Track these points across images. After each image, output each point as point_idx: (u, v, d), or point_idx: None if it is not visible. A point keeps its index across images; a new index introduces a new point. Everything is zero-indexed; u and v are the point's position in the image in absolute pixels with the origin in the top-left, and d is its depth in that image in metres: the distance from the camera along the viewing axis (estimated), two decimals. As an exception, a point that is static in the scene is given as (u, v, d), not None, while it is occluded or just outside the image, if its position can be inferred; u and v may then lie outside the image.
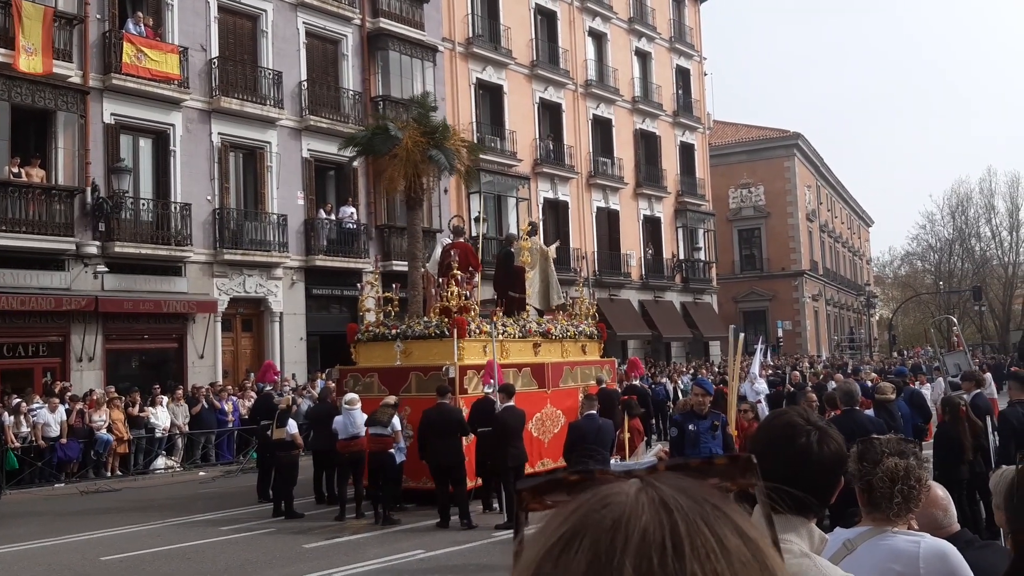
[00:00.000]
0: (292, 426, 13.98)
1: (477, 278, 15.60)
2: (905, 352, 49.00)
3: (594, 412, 11.34)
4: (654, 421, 21.68)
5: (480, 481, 13.04)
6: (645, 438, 14.91)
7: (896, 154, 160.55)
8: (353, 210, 25.63)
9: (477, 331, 14.34)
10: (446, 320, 14.33)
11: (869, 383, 16.12)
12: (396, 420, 12.66)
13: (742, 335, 11.24)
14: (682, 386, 25.81)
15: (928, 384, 20.13)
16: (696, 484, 0.68)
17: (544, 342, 15.97)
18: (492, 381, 13.06)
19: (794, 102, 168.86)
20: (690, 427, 9.09)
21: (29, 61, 18.90)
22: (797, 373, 23.67)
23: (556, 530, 0.66)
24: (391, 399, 13.12)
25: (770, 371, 26.43)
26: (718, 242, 44.65)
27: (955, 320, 28.19)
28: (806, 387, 18.05)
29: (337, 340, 17.76)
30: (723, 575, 0.63)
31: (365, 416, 12.90)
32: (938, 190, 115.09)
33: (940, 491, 3.41)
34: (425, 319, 15.00)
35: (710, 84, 44.02)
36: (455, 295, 14.46)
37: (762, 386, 19.69)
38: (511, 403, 12.27)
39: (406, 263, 19.58)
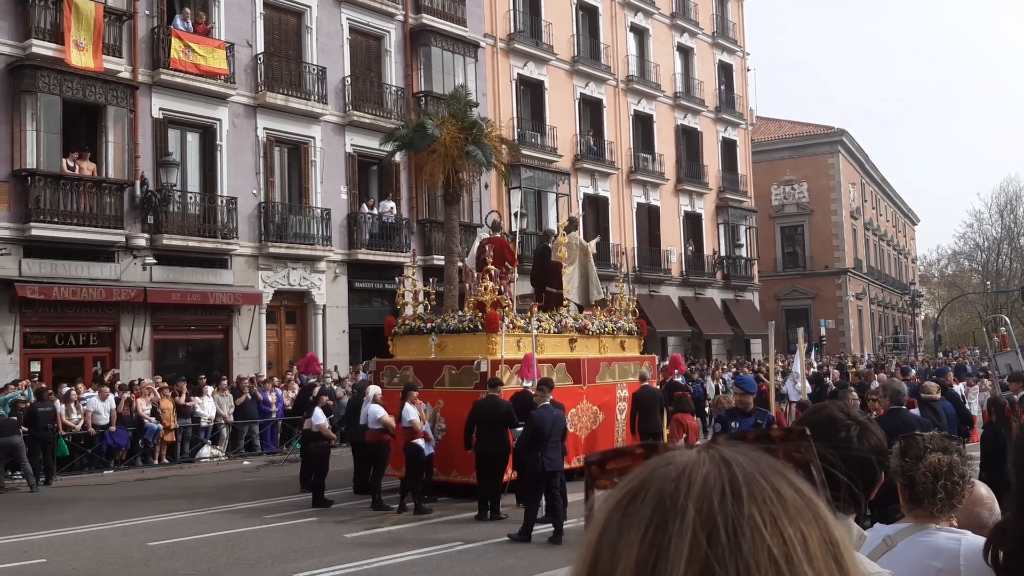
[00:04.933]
0: (318, 417, 14.23)
1: (515, 273, 15.63)
2: (951, 352, 48.16)
3: (548, 403, 11.46)
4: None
5: (516, 475, 13.08)
6: (685, 435, 14.81)
7: (943, 151, 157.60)
8: (392, 204, 25.85)
9: (511, 326, 14.38)
10: (480, 314, 14.40)
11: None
12: (411, 410, 12.78)
13: (800, 330, 11.04)
14: (723, 386, 25.61)
15: (975, 386, 19.76)
16: (754, 449, 0.74)
17: (581, 338, 15.94)
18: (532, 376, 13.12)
19: (839, 98, 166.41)
20: (733, 424, 9.07)
21: (80, 56, 19.33)
22: (836, 372, 23.41)
23: (624, 485, 0.72)
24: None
25: (811, 370, 26.14)
26: (760, 239, 44.22)
27: (1006, 319, 27.56)
28: (848, 386, 17.83)
29: (378, 333, 17.94)
30: (779, 517, 0.67)
31: (378, 408, 13.21)
32: (986, 188, 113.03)
33: (984, 489, 3.39)
34: (459, 313, 15.09)
35: (753, 80, 43.63)
36: (489, 290, 14.51)
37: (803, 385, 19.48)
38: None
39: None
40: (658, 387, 16.43)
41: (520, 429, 12.10)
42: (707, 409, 20.30)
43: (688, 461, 0.71)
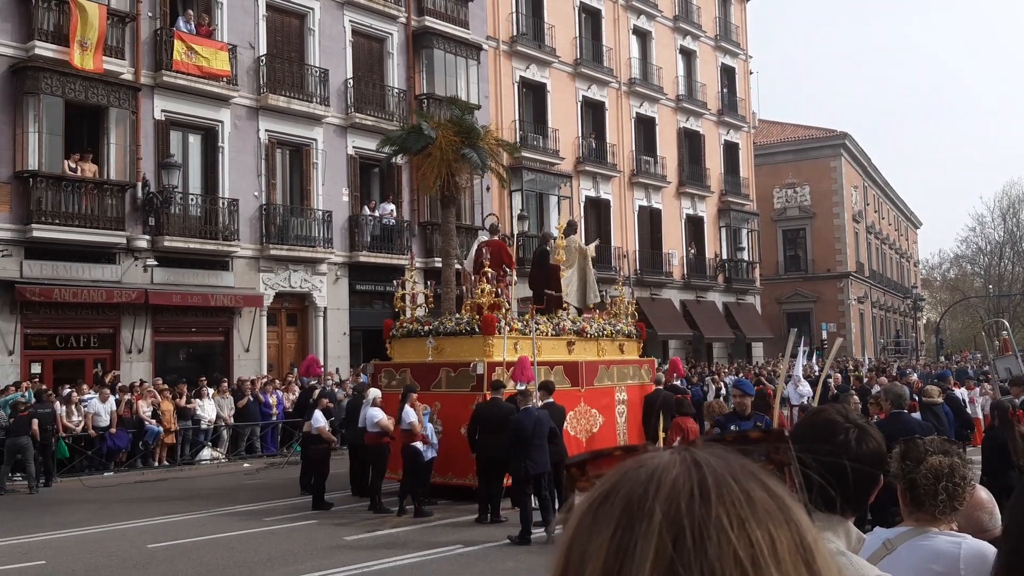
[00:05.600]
0: (317, 420, 14.21)
1: (514, 276, 15.61)
2: (953, 356, 48.12)
3: (530, 406, 11.48)
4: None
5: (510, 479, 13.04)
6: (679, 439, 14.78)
7: (946, 155, 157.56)
8: (393, 207, 25.84)
9: (508, 328, 14.37)
10: (477, 317, 14.39)
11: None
12: (411, 412, 12.78)
13: (840, 340, 10.90)
14: (724, 390, 25.55)
15: (975, 389, 19.78)
16: (729, 452, 0.73)
17: (579, 340, 15.91)
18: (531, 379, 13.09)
19: (842, 101, 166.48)
20: (732, 428, 9.05)
21: (83, 57, 19.34)
22: (838, 375, 23.37)
23: (598, 488, 0.72)
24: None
25: (816, 373, 26.11)
26: (762, 242, 44.18)
27: (1006, 323, 27.57)
28: (849, 390, 17.81)
29: (379, 335, 17.93)
30: (747, 519, 0.66)
31: (377, 410, 13.23)
32: (988, 192, 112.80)
33: (984, 494, 3.37)
34: (456, 316, 15.09)
35: (756, 83, 43.82)
36: (486, 292, 14.51)
37: (806, 388, 19.48)
38: (551, 400, 12.30)
39: (444, 260, 19.63)
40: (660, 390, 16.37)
41: None
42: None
43: (660, 463, 0.70)
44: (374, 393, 13.69)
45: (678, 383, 20.18)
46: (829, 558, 0.70)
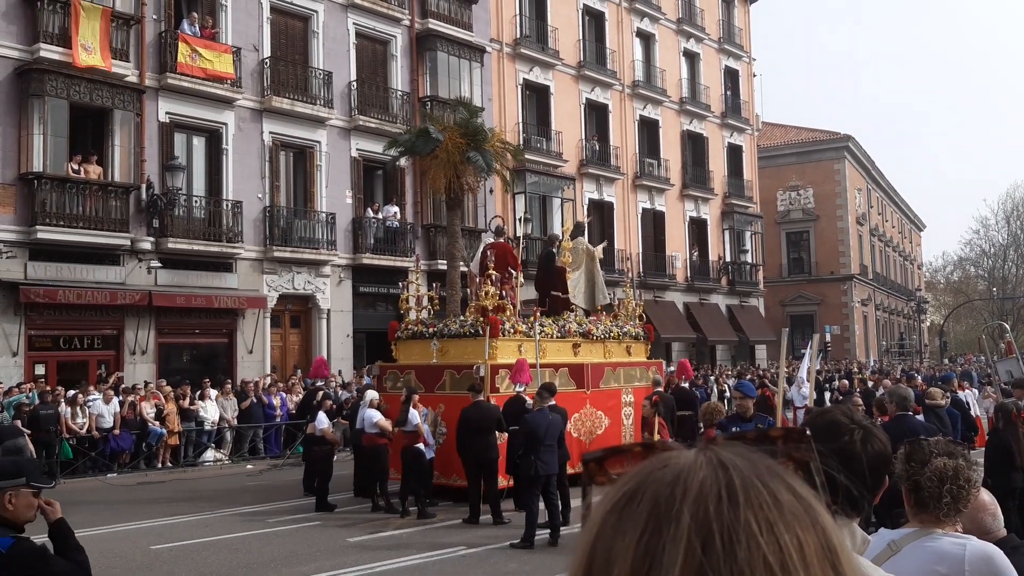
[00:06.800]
0: (321, 421, 14.22)
1: (520, 278, 15.62)
2: (957, 359, 48.04)
3: (545, 407, 11.48)
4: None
5: (511, 480, 13.06)
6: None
7: (949, 157, 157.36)
8: (396, 209, 25.85)
9: (512, 331, 14.37)
10: (481, 319, 14.41)
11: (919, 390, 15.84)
12: (415, 415, 12.78)
13: (816, 336, 10.91)
14: (727, 392, 25.50)
15: (968, 391, 19.74)
16: (752, 451, 0.72)
17: (585, 343, 15.89)
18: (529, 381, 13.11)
19: (845, 104, 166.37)
20: (733, 430, 9.03)
21: (88, 58, 19.39)
22: (845, 382, 23.30)
23: (620, 487, 0.71)
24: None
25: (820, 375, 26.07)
26: (765, 245, 44.14)
27: (1007, 326, 27.59)
28: (854, 393, 17.79)
29: (383, 337, 17.96)
30: (775, 523, 0.66)
31: (375, 412, 13.22)
32: (992, 194, 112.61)
33: (986, 496, 3.38)
34: (461, 318, 15.12)
35: (759, 85, 43.60)
36: (490, 295, 14.52)
37: (809, 390, 19.45)
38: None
39: (448, 262, 19.64)
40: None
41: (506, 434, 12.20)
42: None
43: (685, 464, 0.70)
44: (371, 394, 13.71)
45: (685, 385, 20.10)
46: (853, 560, 0.70)
